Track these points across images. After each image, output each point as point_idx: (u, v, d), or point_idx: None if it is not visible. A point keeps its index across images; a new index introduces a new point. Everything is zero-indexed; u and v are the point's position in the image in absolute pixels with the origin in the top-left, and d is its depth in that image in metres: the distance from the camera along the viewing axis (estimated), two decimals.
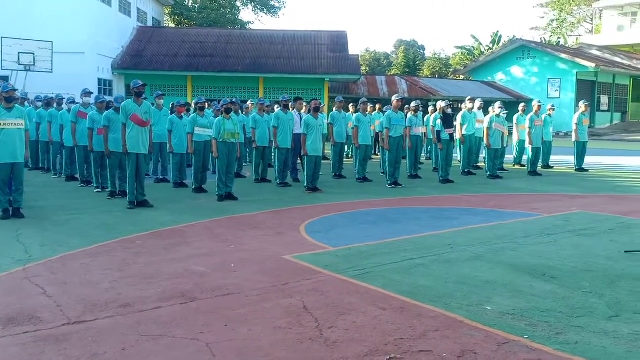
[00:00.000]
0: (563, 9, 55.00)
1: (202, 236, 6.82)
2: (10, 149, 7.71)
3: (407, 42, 66.81)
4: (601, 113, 36.98)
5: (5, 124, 7.73)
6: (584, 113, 14.70)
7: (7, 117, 7.76)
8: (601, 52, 39.53)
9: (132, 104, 8.69)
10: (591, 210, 8.75)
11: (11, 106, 7.82)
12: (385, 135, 11.37)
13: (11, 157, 7.74)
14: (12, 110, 7.81)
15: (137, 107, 8.69)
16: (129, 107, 8.67)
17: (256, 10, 43.70)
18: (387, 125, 11.33)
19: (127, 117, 8.62)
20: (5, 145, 7.69)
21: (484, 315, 4.16)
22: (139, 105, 8.71)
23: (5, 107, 7.78)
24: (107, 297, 4.53)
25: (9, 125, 7.76)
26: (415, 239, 6.69)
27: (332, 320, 4.04)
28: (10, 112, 7.78)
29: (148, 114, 8.82)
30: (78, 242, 6.40)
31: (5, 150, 7.69)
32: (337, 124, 12.52)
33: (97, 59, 24.44)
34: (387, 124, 11.35)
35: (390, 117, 11.31)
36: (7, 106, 7.80)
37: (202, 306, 4.34)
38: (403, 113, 12.05)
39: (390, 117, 11.31)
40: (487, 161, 13.08)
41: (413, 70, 56.68)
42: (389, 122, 11.30)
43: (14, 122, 7.78)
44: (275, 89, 26.54)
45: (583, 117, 14.64)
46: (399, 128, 11.45)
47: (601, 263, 5.65)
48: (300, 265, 5.53)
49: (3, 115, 7.74)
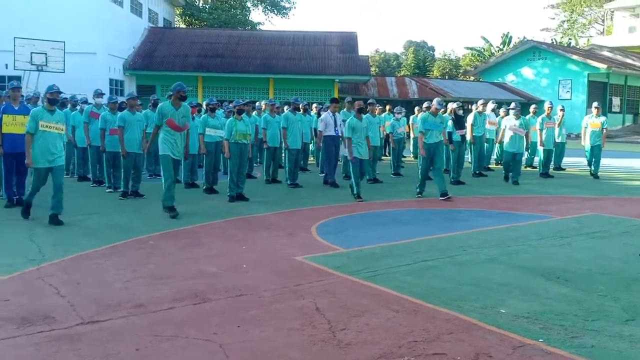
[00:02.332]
0: (574, 10, 54.65)
1: (214, 237, 6.83)
2: (48, 154, 7.37)
3: (417, 43, 66.63)
4: (613, 115, 36.65)
5: (47, 127, 7.37)
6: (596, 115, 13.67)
7: (49, 120, 7.41)
8: (612, 54, 39.22)
9: (169, 107, 8.17)
10: (604, 212, 8.68)
11: (53, 108, 7.53)
12: (420, 141, 10.18)
13: (49, 162, 7.39)
14: (54, 113, 7.50)
15: (174, 110, 8.15)
16: (165, 111, 8.15)
17: (266, 11, 43.79)
18: (422, 129, 10.05)
19: (162, 120, 8.13)
20: (43, 149, 7.34)
21: (498, 318, 4.13)
22: (177, 108, 8.19)
23: (47, 109, 7.48)
24: (121, 297, 4.55)
25: (51, 129, 7.39)
26: (428, 241, 6.66)
27: (345, 322, 4.02)
28: (52, 115, 7.47)
29: (186, 117, 8.39)
30: (91, 242, 6.43)
31: (43, 154, 7.34)
32: None
33: (109, 60, 24.56)
34: (421, 128, 10.07)
35: (426, 120, 10.03)
36: (50, 108, 7.50)
37: (215, 307, 4.34)
38: (443, 116, 10.62)
39: (426, 120, 10.03)
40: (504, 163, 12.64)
41: (423, 71, 56.51)
42: (424, 125, 10.00)
43: (55, 125, 7.44)
44: (285, 90, 26.56)
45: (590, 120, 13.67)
46: (435, 133, 10.07)
47: (616, 266, 5.60)
48: (312, 266, 5.52)
49: (45, 116, 7.39)
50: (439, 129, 10.09)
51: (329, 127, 11.42)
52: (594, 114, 13.61)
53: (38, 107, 7.77)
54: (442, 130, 10.32)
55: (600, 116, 13.54)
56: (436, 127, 9.99)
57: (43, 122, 7.33)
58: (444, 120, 10.42)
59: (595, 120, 13.52)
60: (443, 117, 10.48)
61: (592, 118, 13.61)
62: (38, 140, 7.35)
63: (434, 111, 10.07)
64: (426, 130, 9.94)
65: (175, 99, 8.21)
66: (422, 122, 10.01)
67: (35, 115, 7.38)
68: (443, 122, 10.39)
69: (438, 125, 10.05)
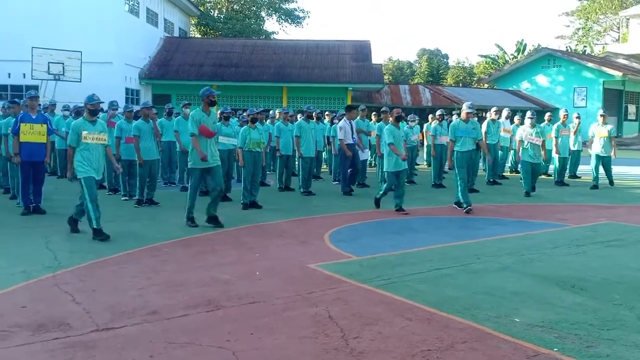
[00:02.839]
0: (589, 17, 54.26)
1: (227, 244, 6.86)
2: (95, 164, 7.20)
3: (431, 51, 66.58)
4: (629, 122, 36.30)
5: (91, 138, 7.16)
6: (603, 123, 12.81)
7: (92, 131, 7.19)
8: (628, 61, 38.83)
9: (201, 114, 7.93)
10: (619, 220, 8.58)
11: (94, 119, 7.29)
12: (449, 149, 9.53)
13: (96, 172, 7.24)
14: (95, 124, 7.27)
15: (206, 117, 7.94)
16: (198, 117, 7.89)
17: (280, 20, 44.08)
18: (452, 137, 9.39)
19: (196, 128, 7.85)
20: (90, 160, 7.13)
21: (513, 327, 4.10)
22: (208, 114, 7.99)
23: (89, 120, 7.23)
24: (135, 304, 4.59)
25: (94, 140, 7.19)
26: (441, 249, 6.63)
27: (358, 330, 4.02)
28: (94, 126, 7.24)
29: (216, 123, 8.26)
30: (106, 249, 6.49)
31: (91, 164, 7.15)
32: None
33: (125, 69, 24.86)
34: (451, 136, 9.41)
35: (457, 128, 9.39)
36: (91, 119, 7.25)
37: (228, 314, 4.36)
38: (476, 121, 9.86)
39: (457, 128, 9.39)
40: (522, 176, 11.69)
41: (436, 79, 56.41)
42: (454, 133, 9.37)
43: (97, 136, 7.23)
44: (299, 98, 26.66)
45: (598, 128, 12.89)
46: (469, 140, 9.40)
47: (632, 274, 5.53)
48: (325, 274, 5.52)
49: (87, 128, 7.17)
50: (472, 136, 9.40)
51: (347, 135, 11.41)
52: (600, 122, 12.87)
53: (79, 119, 7.44)
54: (477, 137, 9.53)
55: (607, 124, 12.89)
56: (469, 134, 9.35)
57: (86, 134, 7.11)
58: (477, 127, 9.63)
59: (601, 129, 12.78)
60: (476, 123, 9.70)
61: (598, 127, 12.86)
62: (81, 152, 7.13)
63: (465, 117, 9.47)
64: (457, 138, 9.34)
65: (205, 105, 7.97)
66: (453, 130, 9.37)
67: (77, 128, 7.16)
68: (476, 129, 9.57)
69: (470, 131, 9.38)
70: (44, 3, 22.82)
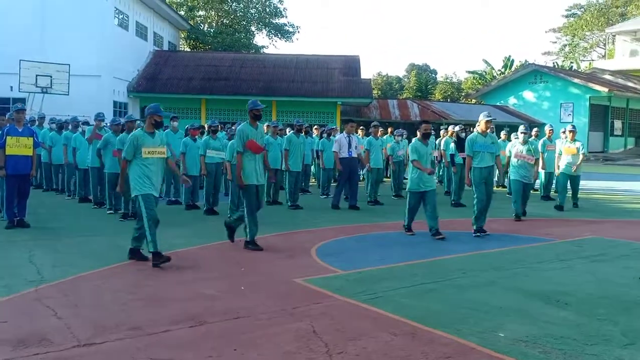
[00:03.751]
0: (576, 34, 55.15)
1: (213, 259, 6.82)
2: (155, 182, 6.53)
3: (419, 66, 67.19)
4: (615, 138, 36.76)
5: (151, 152, 6.46)
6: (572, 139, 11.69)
7: (152, 144, 6.49)
8: (614, 77, 39.42)
9: (249, 128, 7.37)
10: (605, 235, 8.64)
11: (153, 131, 6.60)
12: (467, 165, 8.71)
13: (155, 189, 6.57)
14: (155, 136, 6.57)
15: (254, 131, 7.39)
16: (246, 132, 7.32)
17: (270, 35, 44.33)
18: (470, 153, 8.58)
19: (243, 143, 7.27)
20: (149, 178, 6.45)
21: (497, 342, 4.10)
22: (256, 129, 7.45)
23: (148, 132, 6.56)
24: (118, 319, 4.53)
25: (153, 154, 6.49)
26: (427, 263, 6.64)
27: (342, 346, 4.00)
28: (153, 139, 6.54)
29: (263, 138, 7.75)
30: (90, 263, 6.42)
31: (150, 179, 6.47)
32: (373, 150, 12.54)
33: (113, 82, 24.81)
34: (469, 151, 8.59)
35: (475, 142, 8.56)
36: (151, 131, 6.57)
37: (212, 330, 4.32)
38: (495, 136, 8.96)
39: (475, 142, 8.56)
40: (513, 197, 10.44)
41: (425, 94, 56.87)
42: (472, 147, 8.56)
43: (158, 149, 6.54)
44: (288, 112, 26.72)
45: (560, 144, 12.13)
46: (487, 156, 8.56)
47: (616, 289, 5.56)
48: (310, 288, 5.50)
49: (147, 141, 6.45)
50: (492, 151, 8.59)
51: (343, 149, 11.39)
52: (569, 138, 11.69)
53: (137, 131, 6.69)
54: (496, 153, 8.69)
55: (576, 141, 11.63)
56: (487, 149, 8.53)
57: (146, 149, 6.43)
58: (496, 141, 8.78)
59: (570, 145, 11.62)
60: (495, 137, 8.86)
61: (567, 143, 11.73)
62: (140, 167, 6.42)
63: (484, 128, 8.59)
64: (475, 153, 8.52)
65: (251, 119, 7.43)
66: (471, 144, 8.55)
67: (135, 140, 6.44)
68: (495, 143, 8.71)
69: (489, 146, 8.56)
70: (33, 15, 22.77)
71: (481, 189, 8.54)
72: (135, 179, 6.43)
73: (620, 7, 52.94)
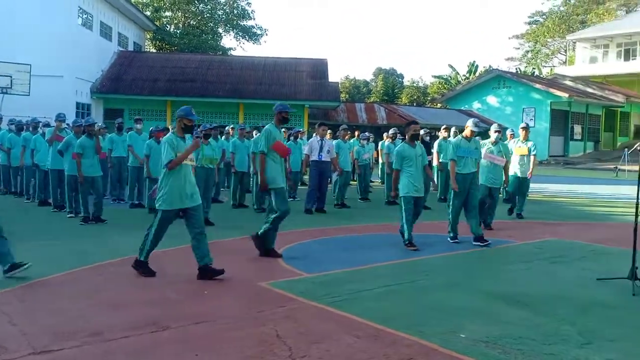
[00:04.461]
0: (538, 40, 56.53)
1: (176, 262, 6.73)
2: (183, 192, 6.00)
3: (386, 70, 67.80)
4: (575, 142, 37.77)
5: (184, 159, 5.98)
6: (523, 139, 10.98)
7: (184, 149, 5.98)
8: (574, 83, 40.54)
9: (275, 130, 7.03)
10: (564, 237, 8.86)
11: (184, 136, 6.11)
12: (451, 170, 8.23)
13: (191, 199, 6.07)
14: (186, 142, 6.11)
15: (280, 133, 7.14)
16: (273, 133, 6.98)
17: (238, 37, 44.13)
18: (453, 157, 8.20)
19: (269, 145, 6.92)
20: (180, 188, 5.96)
21: (458, 342, 4.15)
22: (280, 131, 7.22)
23: (180, 137, 6.04)
24: (76, 325, 4.43)
25: (187, 161, 6.05)
26: (392, 266, 6.69)
27: (305, 349, 3.99)
28: (185, 144, 6.08)
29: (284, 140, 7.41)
30: (49, 268, 6.25)
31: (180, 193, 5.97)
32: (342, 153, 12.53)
33: (76, 83, 24.29)
34: (452, 155, 8.22)
35: (459, 147, 8.23)
36: (181, 136, 6.06)
37: (173, 335, 4.26)
38: (478, 141, 8.64)
39: (459, 147, 8.23)
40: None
41: (392, 97, 57.47)
42: (456, 152, 8.20)
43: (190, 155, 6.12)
44: (255, 115, 26.62)
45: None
46: (471, 161, 8.22)
47: (574, 290, 5.70)
48: (275, 292, 5.48)
49: (180, 146, 5.96)
50: (475, 157, 8.29)
51: (314, 152, 11.34)
52: (521, 137, 10.96)
53: (170, 135, 6.06)
54: (478, 159, 8.42)
55: (528, 141, 10.94)
56: (471, 154, 8.20)
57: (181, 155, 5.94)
58: (479, 146, 8.52)
59: (521, 145, 10.89)
60: (478, 142, 8.56)
61: (518, 143, 11.02)
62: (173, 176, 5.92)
63: (468, 135, 8.31)
64: (459, 158, 8.15)
65: (278, 121, 7.09)
66: (455, 149, 8.19)
67: (171, 142, 5.92)
68: (479, 148, 8.46)
69: (473, 151, 8.25)
70: None
71: (460, 197, 8.15)
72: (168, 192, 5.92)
73: (580, 15, 54.52)
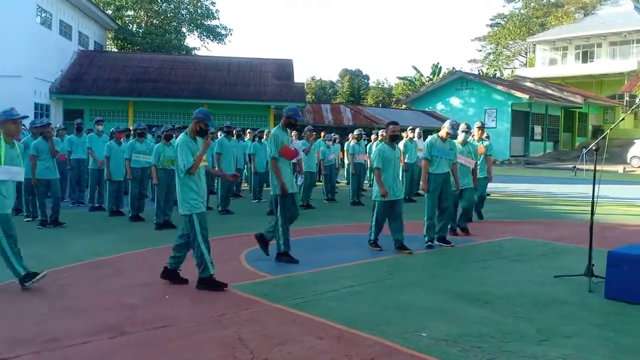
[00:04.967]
0: (499, 42, 57.69)
1: (137, 266, 6.62)
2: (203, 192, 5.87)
3: (352, 71, 68.20)
4: (535, 142, 38.65)
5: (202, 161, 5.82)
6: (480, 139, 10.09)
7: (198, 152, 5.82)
8: (534, 85, 41.47)
9: (282, 133, 6.93)
10: (524, 236, 9.05)
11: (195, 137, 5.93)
12: (424, 169, 8.07)
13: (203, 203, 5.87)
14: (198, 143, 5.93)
15: (287, 137, 7.02)
16: (280, 137, 6.87)
17: (202, 36, 43.70)
18: (427, 156, 8.07)
19: (277, 149, 6.84)
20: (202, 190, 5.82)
21: (420, 341, 4.20)
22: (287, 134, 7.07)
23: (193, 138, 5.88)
24: (34, 331, 4.31)
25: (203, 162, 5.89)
26: (356, 266, 6.72)
27: (267, 352, 3.97)
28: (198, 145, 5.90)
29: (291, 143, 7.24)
30: (5, 274, 6.03)
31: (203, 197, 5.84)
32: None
33: (35, 83, 23.65)
34: (426, 154, 8.08)
35: (433, 146, 8.06)
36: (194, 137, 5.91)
37: (133, 340, 4.18)
38: (454, 142, 8.45)
39: (433, 146, 8.06)
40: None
41: (357, 99, 57.82)
42: (430, 152, 8.05)
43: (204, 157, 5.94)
44: (220, 115, 26.32)
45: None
46: (445, 162, 8.09)
47: (533, 288, 5.83)
48: (238, 294, 5.44)
49: (196, 149, 5.80)
50: (449, 157, 8.15)
51: None
52: (476, 137, 10.11)
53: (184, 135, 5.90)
54: (453, 160, 8.23)
55: (484, 140, 10.27)
56: (446, 155, 8.09)
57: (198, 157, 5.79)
58: (454, 147, 8.36)
59: (477, 144, 10.00)
60: (453, 143, 8.40)
61: (473, 142, 9.92)
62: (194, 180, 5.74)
63: (443, 135, 8.15)
64: (433, 158, 8.00)
65: (285, 125, 6.98)
66: (430, 148, 8.05)
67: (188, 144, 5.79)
68: (454, 149, 8.30)
69: (448, 152, 8.12)
70: None
71: (434, 196, 8.01)
72: (194, 197, 5.68)
73: (540, 18, 55.83)
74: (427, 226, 8.00)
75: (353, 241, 8.41)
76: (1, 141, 5.59)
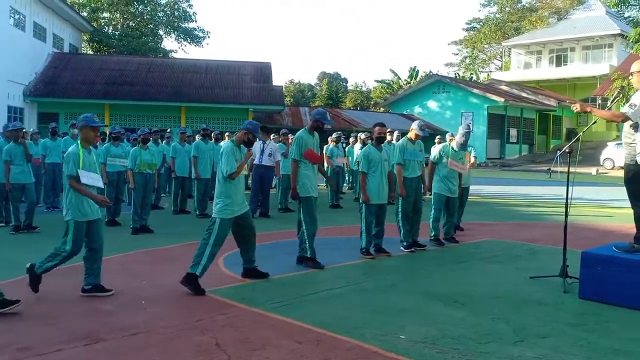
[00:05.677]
0: (475, 46, 58.40)
1: (112, 272, 6.50)
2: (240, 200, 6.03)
3: (331, 74, 68.31)
4: (510, 145, 39.15)
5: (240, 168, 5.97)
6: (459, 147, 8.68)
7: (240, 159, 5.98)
8: (509, 88, 42.03)
9: (307, 136, 6.78)
10: (500, 237, 9.15)
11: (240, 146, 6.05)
12: (398, 174, 7.77)
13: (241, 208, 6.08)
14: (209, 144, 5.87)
15: (312, 139, 6.82)
16: (305, 139, 6.73)
17: (179, 39, 43.38)
18: (400, 161, 7.82)
19: (301, 153, 6.72)
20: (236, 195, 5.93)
21: (398, 344, 4.21)
22: (313, 137, 6.88)
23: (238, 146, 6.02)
24: (5, 340, 4.22)
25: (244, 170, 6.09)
26: (334, 269, 6.71)
27: (245, 357, 3.94)
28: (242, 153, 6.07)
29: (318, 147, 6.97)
30: None
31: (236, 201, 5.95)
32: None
33: (7, 86, 23.24)
34: (399, 159, 7.83)
35: (405, 149, 7.86)
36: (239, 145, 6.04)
37: (108, 347, 4.11)
38: (422, 143, 8.16)
39: (405, 149, 7.86)
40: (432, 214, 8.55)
41: (336, 102, 57.91)
42: (403, 155, 7.83)
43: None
44: (198, 119, 26.22)
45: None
46: (416, 165, 7.92)
47: (509, 289, 5.89)
48: (216, 299, 5.39)
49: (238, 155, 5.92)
50: (420, 159, 7.96)
51: (254, 155, 11.20)
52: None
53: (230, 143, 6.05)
54: (423, 161, 8.07)
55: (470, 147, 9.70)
56: (417, 157, 7.90)
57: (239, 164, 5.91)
58: (422, 148, 8.14)
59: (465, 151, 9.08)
60: (422, 145, 8.15)
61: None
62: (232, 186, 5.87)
63: (412, 137, 7.93)
64: (406, 162, 7.83)
65: (312, 128, 6.84)
66: (402, 152, 7.82)
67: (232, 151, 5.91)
68: (423, 151, 8.12)
69: (417, 154, 7.94)
70: None
71: (410, 202, 7.85)
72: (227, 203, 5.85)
73: (515, 22, 56.68)
74: (404, 232, 7.89)
75: (332, 244, 8.40)
76: (79, 147, 5.56)
